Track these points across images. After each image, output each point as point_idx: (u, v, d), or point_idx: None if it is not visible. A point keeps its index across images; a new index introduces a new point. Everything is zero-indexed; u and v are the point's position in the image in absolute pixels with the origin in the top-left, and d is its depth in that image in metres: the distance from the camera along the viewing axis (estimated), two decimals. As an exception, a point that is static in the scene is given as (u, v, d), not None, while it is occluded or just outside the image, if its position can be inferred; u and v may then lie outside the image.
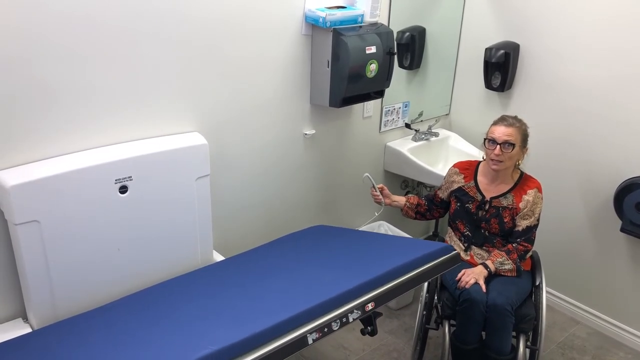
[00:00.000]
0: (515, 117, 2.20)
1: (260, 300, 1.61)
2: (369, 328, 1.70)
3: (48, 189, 1.64)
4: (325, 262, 1.90)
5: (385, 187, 2.44)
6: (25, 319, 1.81)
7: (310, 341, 1.42)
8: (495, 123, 2.20)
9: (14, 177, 1.60)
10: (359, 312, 1.54)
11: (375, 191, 2.42)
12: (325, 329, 1.45)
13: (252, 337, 1.35)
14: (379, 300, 1.59)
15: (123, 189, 1.81)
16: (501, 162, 2.16)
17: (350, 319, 1.51)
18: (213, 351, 1.29)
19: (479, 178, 2.30)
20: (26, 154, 1.70)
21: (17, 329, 1.74)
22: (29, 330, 1.75)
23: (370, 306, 1.56)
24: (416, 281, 1.69)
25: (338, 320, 1.48)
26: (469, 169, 2.34)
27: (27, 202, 1.61)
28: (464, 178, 2.33)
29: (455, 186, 2.34)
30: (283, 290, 1.65)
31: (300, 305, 1.47)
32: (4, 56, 1.57)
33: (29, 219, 1.63)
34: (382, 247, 1.95)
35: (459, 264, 1.85)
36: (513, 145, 2.13)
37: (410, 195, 2.51)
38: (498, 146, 2.15)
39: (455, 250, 1.83)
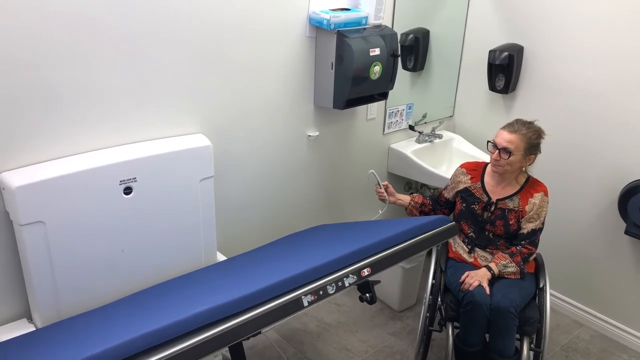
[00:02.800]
0: (525, 124, 2.16)
1: (259, 274, 1.62)
2: (367, 295, 1.69)
3: (53, 190, 1.65)
4: (325, 243, 1.92)
5: (389, 185, 2.43)
6: (30, 319, 1.82)
7: (305, 303, 1.42)
8: (503, 126, 2.20)
9: (19, 178, 1.61)
10: (355, 277, 1.54)
11: (380, 188, 2.42)
12: (321, 292, 1.46)
13: (244, 298, 1.36)
14: (375, 266, 1.59)
15: (127, 190, 1.82)
16: (500, 166, 2.17)
17: (347, 284, 1.52)
18: (202, 310, 1.29)
19: (486, 179, 2.30)
20: (31, 155, 1.71)
21: (22, 329, 1.75)
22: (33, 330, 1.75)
23: (366, 272, 1.57)
24: (413, 249, 1.69)
25: (334, 284, 1.49)
26: (476, 169, 2.34)
27: (33, 203, 1.62)
28: (471, 179, 2.33)
29: (462, 186, 2.34)
30: (281, 265, 1.67)
31: (295, 270, 1.48)
32: (9, 58, 1.57)
33: (34, 220, 1.63)
34: (381, 224, 1.98)
35: (457, 234, 1.85)
36: (510, 152, 2.13)
37: (415, 194, 2.51)
38: (497, 151, 2.15)
39: (452, 222, 1.84)
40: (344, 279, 1.52)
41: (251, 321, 1.34)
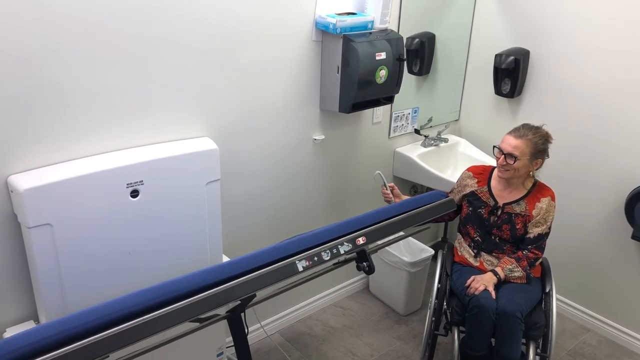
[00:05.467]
0: (532, 128, 2.16)
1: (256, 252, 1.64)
2: (364, 264, 1.70)
3: (60, 192, 1.66)
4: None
5: (395, 187, 2.43)
6: (37, 321, 1.82)
7: (300, 268, 1.44)
8: (509, 131, 2.19)
9: (27, 181, 1.62)
10: (350, 245, 1.56)
11: (386, 189, 2.42)
12: (315, 258, 1.48)
13: (236, 262, 1.37)
14: (370, 235, 1.60)
15: (134, 193, 1.82)
16: (506, 171, 2.17)
17: (342, 251, 1.53)
18: (192, 273, 1.30)
19: (493, 183, 2.30)
20: (39, 157, 1.72)
21: (29, 331, 1.76)
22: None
23: (361, 240, 1.58)
24: (408, 221, 1.71)
25: (328, 251, 1.50)
26: (483, 173, 2.34)
27: (40, 206, 1.62)
28: (478, 182, 2.32)
29: (468, 190, 2.33)
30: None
31: (289, 239, 1.50)
32: (18, 60, 1.59)
33: (42, 222, 1.64)
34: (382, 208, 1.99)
35: (454, 208, 1.85)
36: (515, 158, 2.13)
37: (420, 198, 2.51)
38: (503, 156, 2.16)
39: (448, 197, 1.84)
40: (339, 246, 1.53)
41: (245, 283, 1.35)
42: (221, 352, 2.30)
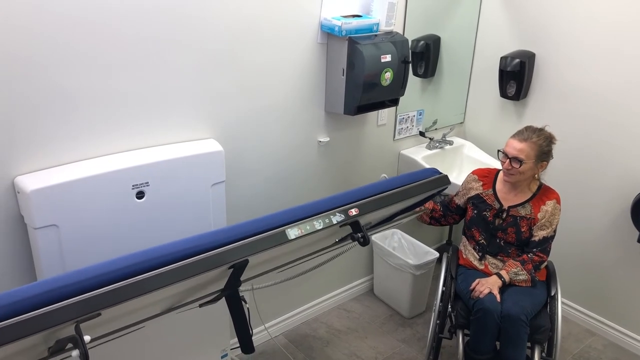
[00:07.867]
0: (535, 131, 2.16)
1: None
2: (358, 234, 1.69)
3: (67, 193, 1.66)
4: None
5: None
6: (42, 322, 1.83)
7: (291, 236, 1.44)
8: (513, 135, 2.19)
9: (33, 182, 1.63)
10: (343, 216, 1.56)
11: None
12: (307, 227, 1.48)
13: (228, 229, 1.37)
14: (363, 207, 1.60)
15: (140, 195, 1.83)
16: (512, 175, 2.16)
17: (334, 221, 1.53)
18: (183, 239, 1.31)
19: (498, 186, 2.29)
20: (46, 159, 1.73)
21: (34, 332, 1.77)
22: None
23: (354, 211, 1.58)
24: (401, 195, 1.71)
25: (321, 220, 1.51)
26: (488, 176, 2.33)
27: (47, 207, 1.63)
28: (483, 185, 2.32)
29: (473, 193, 2.33)
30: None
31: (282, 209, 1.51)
32: (25, 62, 1.60)
33: (48, 223, 1.65)
34: None
35: (449, 184, 1.85)
36: (521, 161, 2.12)
37: (425, 201, 2.50)
38: (508, 160, 2.15)
39: (443, 173, 1.84)
40: (331, 216, 1.53)
41: (236, 248, 1.35)
42: (225, 354, 2.31)
